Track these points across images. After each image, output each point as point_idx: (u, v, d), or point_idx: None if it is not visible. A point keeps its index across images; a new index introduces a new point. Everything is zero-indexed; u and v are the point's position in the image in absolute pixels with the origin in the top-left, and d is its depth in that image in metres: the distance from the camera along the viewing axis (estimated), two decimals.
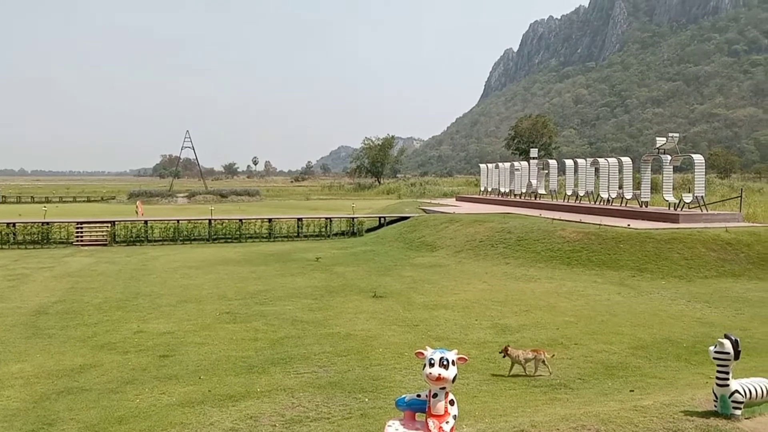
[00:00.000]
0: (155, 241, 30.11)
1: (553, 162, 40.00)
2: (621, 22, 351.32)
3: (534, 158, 40.72)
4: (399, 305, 14.88)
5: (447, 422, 4.74)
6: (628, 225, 23.57)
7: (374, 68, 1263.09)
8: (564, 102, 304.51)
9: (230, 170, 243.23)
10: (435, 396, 4.80)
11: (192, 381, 9.37)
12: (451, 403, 4.83)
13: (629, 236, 21.37)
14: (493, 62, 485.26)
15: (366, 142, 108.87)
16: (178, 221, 31.61)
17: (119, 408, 8.29)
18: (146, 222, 31.03)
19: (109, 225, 30.36)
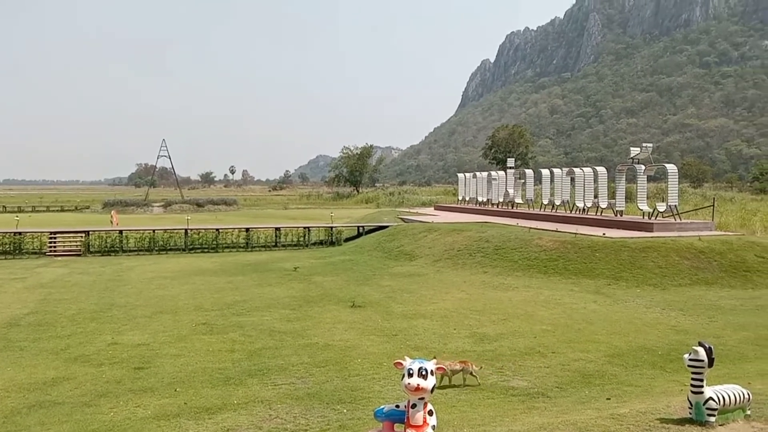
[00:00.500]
0: (130, 251, 29.71)
1: (530, 171, 40.41)
2: (595, 34, 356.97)
3: (511, 168, 41.09)
4: (378, 315, 14.86)
5: None
6: (604, 234, 23.86)
7: (353, 77, 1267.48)
8: (540, 112, 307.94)
9: (207, 179, 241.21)
10: (414, 406, 4.80)
11: (167, 393, 9.23)
12: (430, 414, 4.83)
13: (605, 245, 21.63)
14: (470, 72, 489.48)
15: (345, 151, 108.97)
16: (154, 231, 31.25)
17: (93, 422, 8.13)
18: (121, 232, 30.61)
19: (83, 235, 29.89)
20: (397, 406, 5.01)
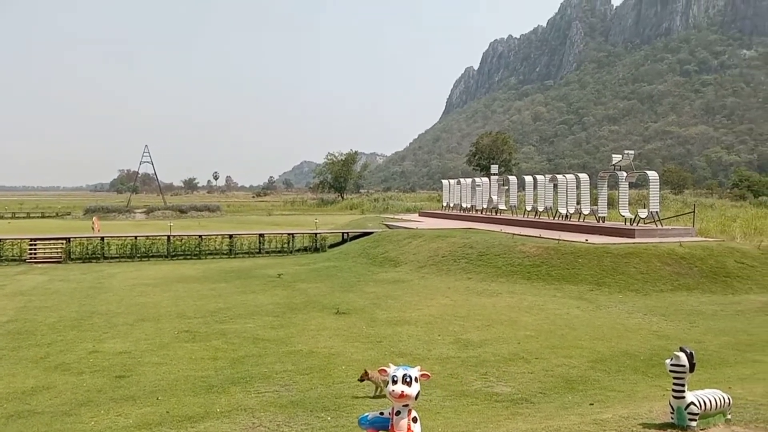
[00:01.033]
0: (112, 258, 29.41)
1: (513, 178, 40.63)
2: (578, 42, 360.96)
3: (495, 174, 41.29)
4: (362, 322, 14.83)
5: None
6: (586, 240, 24.05)
7: (337, 83, 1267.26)
8: (523, 119, 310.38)
9: (190, 185, 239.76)
10: (398, 413, 4.80)
11: (149, 402, 9.13)
12: (414, 421, 4.83)
13: (587, 251, 21.80)
14: (454, 80, 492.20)
15: (329, 158, 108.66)
16: (136, 237, 30.97)
17: (73, 431, 8.02)
18: (103, 238, 30.31)
19: (64, 242, 29.53)
20: (382, 413, 5.01)
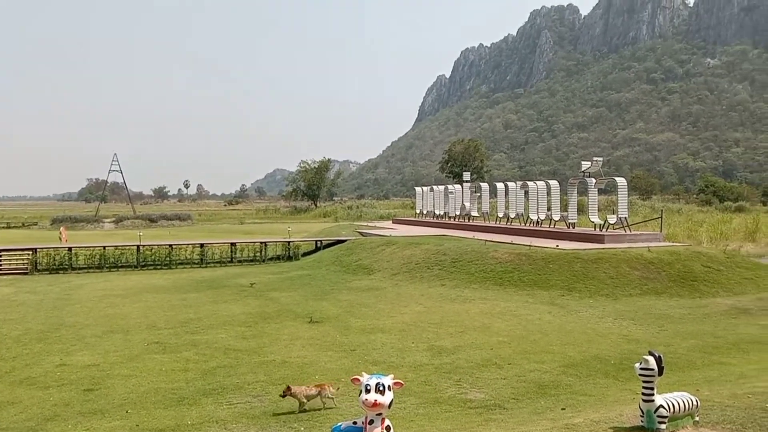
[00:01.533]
0: (80, 269, 28.83)
1: (485, 185, 40.97)
2: (547, 51, 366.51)
3: (467, 181, 41.60)
4: (336, 330, 14.76)
5: None
6: (557, 246, 24.34)
7: (310, 91, 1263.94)
8: (494, 127, 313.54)
9: (160, 194, 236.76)
10: (371, 422, 4.79)
11: (118, 415, 8.95)
12: (388, 429, 4.83)
13: (558, 257, 22.06)
14: (427, 88, 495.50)
15: (302, 165, 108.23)
16: (105, 247, 30.42)
17: None
18: (70, 249, 29.68)
19: (31, 252, 28.84)
20: (355, 423, 4.99)
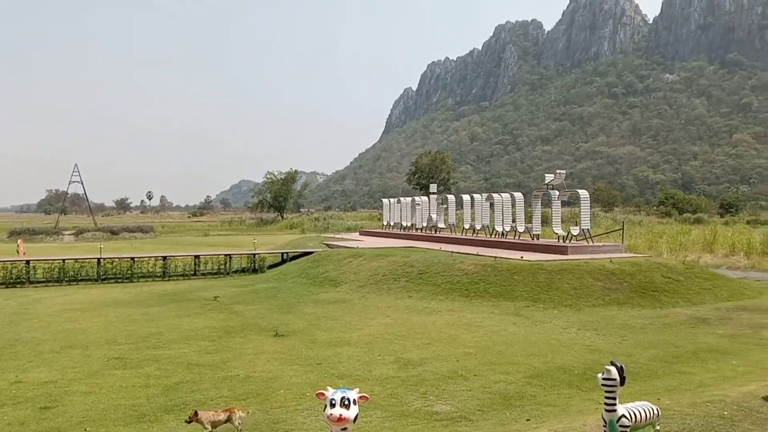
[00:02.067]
0: (38, 283, 28.03)
1: (452, 197, 41.31)
2: (512, 65, 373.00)
3: (434, 193, 41.88)
4: (301, 344, 14.62)
5: None
6: (522, 257, 24.61)
7: (276, 101, 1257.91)
8: (461, 139, 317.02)
9: (122, 206, 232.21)
10: None
11: None
12: None
13: (523, 268, 22.30)
14: (394, 100, 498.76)
15: (268, 176, 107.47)
16: (64, 260, 29.65)
17: None
18: (28, 262, 28.83)
19: None
20: None
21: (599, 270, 22.07)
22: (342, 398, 4.69)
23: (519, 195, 33.54)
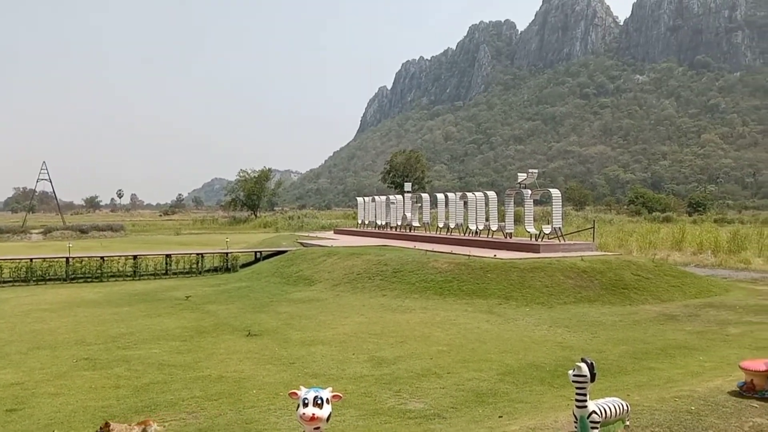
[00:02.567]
0: (4, 283, 27.38)
1: (426, 195, 41.41)
2: (485, 65, 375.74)
3: (408, 192, 41.94)
4: (274, 343, 14.52)
5: None
6: (495, 255, 24.80)
7: (251, 98, 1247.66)
8: (435, 138, 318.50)
9: (92, 204, 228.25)
10: None
11: None
12: None
13: (496, 266, 22.47)
14: (369, 99, 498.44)
15: (241, 175, 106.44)
16: (32, 260, 29.01)
17: None
18: None
19: None
20: None
21: (571, 268, 22.34)
22: (315, 397, 4.68)
23: (492, 194, 33.77)
